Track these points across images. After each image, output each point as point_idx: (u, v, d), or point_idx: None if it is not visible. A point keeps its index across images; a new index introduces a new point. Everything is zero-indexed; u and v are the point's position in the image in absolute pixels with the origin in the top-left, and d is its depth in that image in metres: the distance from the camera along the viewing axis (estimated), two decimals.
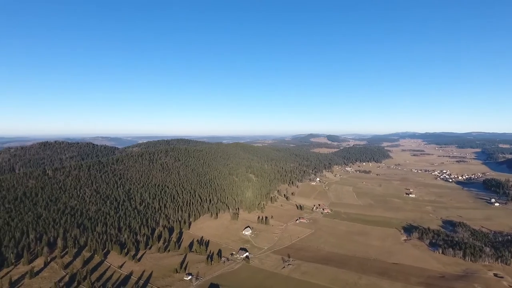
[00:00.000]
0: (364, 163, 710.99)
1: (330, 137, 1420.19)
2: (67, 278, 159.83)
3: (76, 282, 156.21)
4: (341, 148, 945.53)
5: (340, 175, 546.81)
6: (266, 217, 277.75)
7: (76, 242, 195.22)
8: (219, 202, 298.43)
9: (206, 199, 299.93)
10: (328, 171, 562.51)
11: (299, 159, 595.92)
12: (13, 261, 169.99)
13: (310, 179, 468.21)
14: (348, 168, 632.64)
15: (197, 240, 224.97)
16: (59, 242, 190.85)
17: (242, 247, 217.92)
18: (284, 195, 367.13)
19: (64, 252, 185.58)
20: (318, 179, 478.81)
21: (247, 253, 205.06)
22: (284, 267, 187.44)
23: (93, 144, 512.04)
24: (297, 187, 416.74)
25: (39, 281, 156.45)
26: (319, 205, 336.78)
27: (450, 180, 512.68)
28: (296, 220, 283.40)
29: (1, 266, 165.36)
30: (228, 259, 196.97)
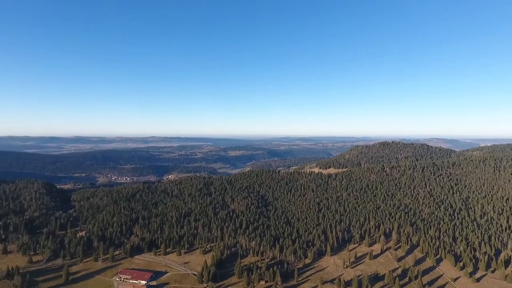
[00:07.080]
0: None
1: None
2: (399, 271, 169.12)
3: (407, 278, 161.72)
4: None
5: None
6: None
7: (409, 239, 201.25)
8: None
9: None
10: None
11: None
12: (357, 240, 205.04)
13: None
14: None
15: None
16: (393, 235, 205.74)
17: None
18: None
19: (398, 245, 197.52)
20: None
21: None
22: None
23: (428, 146, 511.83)
24: None
25: (376, 264, 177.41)
26: None
27: None
28: None
29: (349, 241, 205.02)
30: None
